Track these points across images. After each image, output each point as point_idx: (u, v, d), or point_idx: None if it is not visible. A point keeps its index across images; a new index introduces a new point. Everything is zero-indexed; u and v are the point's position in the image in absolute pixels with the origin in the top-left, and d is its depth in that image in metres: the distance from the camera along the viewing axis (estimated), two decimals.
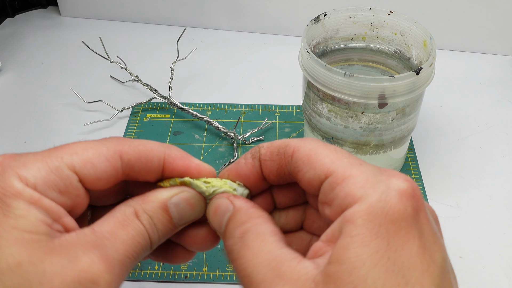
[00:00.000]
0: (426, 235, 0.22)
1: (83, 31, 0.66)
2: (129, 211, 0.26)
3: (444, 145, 0.48)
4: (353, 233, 0.21)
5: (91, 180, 0.26)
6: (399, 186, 0.22)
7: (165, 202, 0.27)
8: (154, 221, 0.26)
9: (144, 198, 0.27)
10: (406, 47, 0.42)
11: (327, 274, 0.21)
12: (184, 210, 0.27)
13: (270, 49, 0.63)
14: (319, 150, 0.25)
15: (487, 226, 0.41)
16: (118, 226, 0.25)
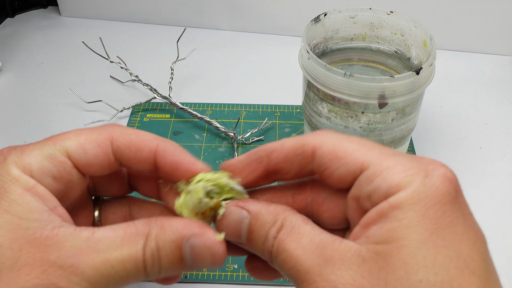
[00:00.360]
0: (468, 215, 0.23)
1: (83, 31, 0.66)
2: (142, 231, 0.24)
3: (444, 145, 0.48)
4: (401, 217, 0.21)
5: (84, 165, 0.26)
6: (439, 171, 0.23)
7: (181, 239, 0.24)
8: (160, 253, 0.24)
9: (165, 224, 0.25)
10: (406, 47, 0.42)
11: (375, 251, 0.21)
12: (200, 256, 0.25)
13: (270, 49, 0.63)
14: (344, 145, 0.24)
15: (487, 226, 0.41)
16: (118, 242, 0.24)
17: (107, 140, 0.27)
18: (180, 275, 0.30)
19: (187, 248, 0.24)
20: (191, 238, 0.24)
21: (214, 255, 0.24)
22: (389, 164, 0.23)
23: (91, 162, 0.27)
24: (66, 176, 0.26)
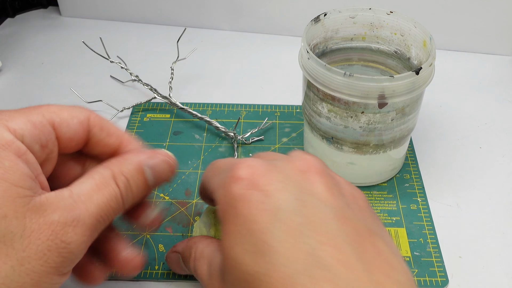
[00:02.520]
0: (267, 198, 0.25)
1: (83, 31, 0.66)
2: (107, 173, 0.27)
3: (444, 145, 0.49)
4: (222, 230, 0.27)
5: (66, 138, 0.28)
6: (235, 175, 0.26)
7: (141, 165, 0.29)
8: (130, 183, 0.28)
9: (122, 160, 0.28)
10: (406, 47, 0.42)
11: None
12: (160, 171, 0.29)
13: (270, 49, 0.63)
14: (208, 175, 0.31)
15: (487, 226, 0.41)
16: (95, 189, 0.26)
17: (86, 118, 0.29)
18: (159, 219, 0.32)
19: (148, 170, 0.29)
20: (148, 160, 0.29)
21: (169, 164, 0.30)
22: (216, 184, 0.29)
23: (71, 137, 0.28)
24: (51, 146, 0.27)
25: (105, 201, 0.26)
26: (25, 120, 0.26)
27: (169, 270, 0.37)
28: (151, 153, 0.29)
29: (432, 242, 0.39)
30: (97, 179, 0.27)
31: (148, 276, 0.37)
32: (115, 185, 0.27)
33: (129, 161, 0.28)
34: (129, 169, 0.28)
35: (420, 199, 0.43)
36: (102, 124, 0.30)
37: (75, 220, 0.25)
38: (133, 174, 0.28)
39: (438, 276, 0.37)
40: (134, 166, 0.28)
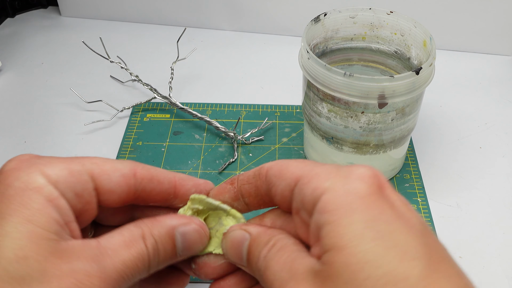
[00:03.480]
0: (397, 206, 0.23)
1: (83, 31, 0.66)
2: (137, 232, 0.26)
3: (444, 145, 0.48)
4: (330, 219, 0.22)
5: (105, 190, 0.27)
6: (357, 171, 0.24)
7: (173, 229, 0.27)
8: (158, 246, 0.27)
9: (154, 221, 0.27)
10: (406, 47, 0.42)
11: (323, 262, 0.22)
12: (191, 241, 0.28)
13: (270, 49, 0.63)
14: (289, 164, 0.26)
15: (487, 226, 0.41)
16: (123, 245, 0.26)
17: (131, 172, 0.28)
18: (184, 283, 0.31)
19: (178, 236, 0.27)
20: (180, 227, 0.27)
21: (202, 236, 0.28)
22: (316, 172, 0.25)
23: (113, 190, 0.27)
24: (87, 196, 0.27)
25: (132, 258, 0.25)
26: (62, 167, 0.26)
27: None
28: (186, 220, 0.28)
29: None
30: (126, 236, 0.26)
31: None
32: (144, 245, 0.26)
33: (162, 223, 0.27)
34: (160, 232, 0.27)
35: (420, 199, 0.43)
36: (151, 175, 0.28)
37: (101, 271, 0.24)
38: (163, 237, 0.27)
39: None
40: (166, 230, 0.27)
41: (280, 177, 0.26)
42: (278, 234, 0.26)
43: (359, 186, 0.23)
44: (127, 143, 0.48)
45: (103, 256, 0.25)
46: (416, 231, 0.22)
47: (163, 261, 0.27)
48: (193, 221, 0.28)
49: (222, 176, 0.45)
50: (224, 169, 0.46)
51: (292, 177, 0.25)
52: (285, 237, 0.26)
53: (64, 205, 0.25)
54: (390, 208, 0.23)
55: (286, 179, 0.26)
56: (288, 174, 0.26)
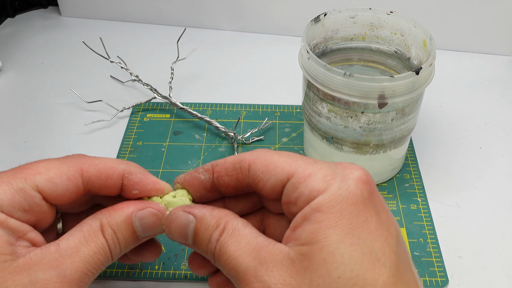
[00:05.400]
0: (381, 213, 0.25)
1: (83, 31, 0.66)
2: (95, 225, 0.28)
3: (444, 145, 0.48)
4: (321, 219, 0.24)
5: (54, 197, 0.28)
6: (354, 175, 0.26)
7: (130, 216, 0.28)
8: (117, 235, 0.28)
9: (111, 211, 0.28)
10: (406, 47, 0.42)
11: (301, 253, 0.24)
12: (149, 224, 0.29)
13: (270, 49, 0.63)
14: (274, 158, 0.27)
15: (487, 226, 0.41)
16: (82, 242, 0.27)
17: (77, 173, 0.29)
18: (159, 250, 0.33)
19: (137, 221, 0.28)
20: (137, 212, 0.28)
21: (159, 216, 0.29)
22: (310, 171, 0.26)
23: (61, 195, 0.28)
24: (37, 208, 0.27)
25: (92, 254, 0.26)
26: (6, 189, 0.26)
27: (169, 270, 0.37)
28: (142, 205, 0.29)
29: (432, 242, 0.39)
30: (85, 231, 0.27)
31: (148, 276, 0.37)
32: (102, 237, 0.27)
33: (119, 212, 0.28)
34: (117, 221, 0.28)
35: (420, 199, 0.43)
36: (98, 171, 0.29)
37: (61, 276, 0.25)
38: (121, 226, 0.28)
39: (438, 276, 0.37)
40: (123, 218, 0.28)
41: (268, 173, 0.27)
42: (225, 216, 0.27)
43: (353, 192, 0.25)
44: (127, 143, 0.48)
45: (63, 259, 0.26)
46: (392, 240, 0.25)
47: (124, 247, 0.29)
48: (150, 205, 0.29)
49: None
50: None
51: (283, 173, 0.27)
52: (232, 219, 0.27)
53: (15, 223, 0.26)
54: (375, 215, 0.25)
55: (276, 175, 0.27)
56: (278, 170, 0.27)
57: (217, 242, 0.26)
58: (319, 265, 0.23)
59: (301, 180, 0.26)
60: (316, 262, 0.23)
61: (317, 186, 0.25)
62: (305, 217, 0.25)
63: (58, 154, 0.47)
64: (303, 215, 0.25)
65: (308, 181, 0.25)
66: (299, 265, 0.24)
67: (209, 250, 0.27)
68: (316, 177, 0.25)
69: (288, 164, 0.27)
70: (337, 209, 0.24)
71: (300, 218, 0.25)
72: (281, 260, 0.24)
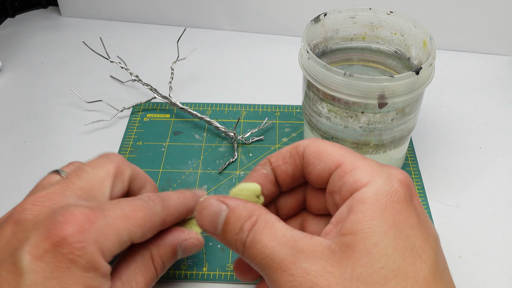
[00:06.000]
0: (421, 216, 0.26)
1: (83, 31, 0.66)
2: (147, 256, 0.31)
3: (444, 145, 0.49)
4: (364, 209, 0.25)
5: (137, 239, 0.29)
6: (398, 176, 0.26)
7: (175, 246, 0.32)
8: (164, 265, 0.32)
9: (160, 242, 0.31)
10: (406, 47, 0.42)
11: (342, 243, 0.24)
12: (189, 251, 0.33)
13: (270, 49, 0.63)
14: (327, 146, 0.28)
15: (487, 226, 0.41)
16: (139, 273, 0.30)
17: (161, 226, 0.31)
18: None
19: (180, 250, 0.32)
20: (182, 243, 0.32)
21: (198, 246, 0.33)
22: (358, 164, 0.27)
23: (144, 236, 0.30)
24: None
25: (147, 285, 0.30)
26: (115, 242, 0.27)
27: (169, 270, 0.37)
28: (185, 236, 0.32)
29: None
30: (139, 262, 0.30)
31: None
32: (153, 268, 0.31)
33: (166, 242, 0.32)
34: (166, 252, 0.31)
35: (420, 199, 0.43)
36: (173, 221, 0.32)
37: None
38: (168, 256, 0.32)
39: None
40: (170, 249, 0.32)
41: (319, 158, 0.28)
42: (258, 209, 0.27)
43: (397, 190, 0.25)
44: (127, 143, 0.48)
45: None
46: (432, 241, 0.25)
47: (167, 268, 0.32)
48: (192, 236, 0.32)
49: (222, 176, 0.45)
50: (224, 169, 0.46)
51: (333, 161, 0.28)
52: (265, 213, 0.27)
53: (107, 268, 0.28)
54: (416, 216, 0.25)
55: (326, 162, 0.28)
56: (329, 157, 0.28)
57: (249, 231, 0.26)
58: (362, 255, 0.24)
59: (348, 170, 0.27)
60: (359, 251, 0.24)
61: (362, 178, 0.26)
62: (349, 209, 0.25)
63: (58, 154, 0.47)
64: (347, 207, 0.26)
65: (354, 172, 0.26)
66: (340, 255, 0.24)
67: (239, 240, 0.26)
68: (362, 170, 0.26)
69: (338, 153, 0.28)
70: (382, 202, 0.25)
71: (343, 210, 0.26)
72: (322, 251, 0.24)
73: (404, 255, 0.24)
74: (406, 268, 0.23)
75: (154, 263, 0.31)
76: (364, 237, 0.24)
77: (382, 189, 0.25)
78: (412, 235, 0.24)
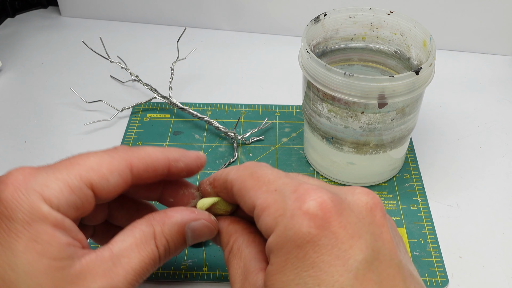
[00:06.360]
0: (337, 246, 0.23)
1: (83, 31, 0.66)
2: (149, 231, 0.27)
3: (444, 145, 0.49)
4: (272, 261, 0.24)
5: (104, 193, 0.27)
6: (304, 207, 0.24)
7: (183, 226, 0.28)
8: (169, 245, 0.28)
9: (165, 217, 0.28)
10: (406, 47, 0.42)
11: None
12: (200, 234, 0.29)
13: (270, 49, 0.63)
14: (246, 183, 0.27)
15: (487, 226, 0.41)
16: (135, 250, 0.26)
17: (127, 168, 0.28)
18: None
19: (189, 232, 0.28)
20: (191, 223, 0.28)
21: (211, 229, 0.29)
22: (268, 203, 0.25)
23: (111, 192, 0.27)
24: (88, 206, 0.27)
25: (143, 265, 0.26)
26: (62, 187, 0.25)
27: (169, 270, 0.37)
28: (195, 215, 0.29)
29: (432, 242, 0.39)
30: (137, 238, 0.27)
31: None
32: (155, 246, 0.27)
33: (173, 220, 0.28)
34: (171, 231, 0.28)
35: (420, 199, 0.43)
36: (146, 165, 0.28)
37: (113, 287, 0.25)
38: (174, 236, 0.28)
39: (438, 276, 0.37)
40: (177, 228, 0.28)
41: (241, 198, 0.27)
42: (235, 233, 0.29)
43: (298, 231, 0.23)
44: (127, 143, 0.48)
45: (116, 269, 0.25)
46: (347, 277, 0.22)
47: (173, 255, 0.29)
48: (202, 216, 0.29)
49: None
50: None
51: (249, 202, 0.26)
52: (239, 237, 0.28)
53: (69, 224, 0.26)
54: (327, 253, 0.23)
55: (246, 203, 0.27)
56: (247, 197, 0.27)
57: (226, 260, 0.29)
58: None
59: (260, 213, 0.25)
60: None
61: (269, 224, 0.25)
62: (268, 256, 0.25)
63: (58, 154, 0.47)
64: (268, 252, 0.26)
65: (263, 216, 0.25)
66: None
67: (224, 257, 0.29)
68: (268, 212, 0.25)
69: (253, 192, 0.26)
70: (283, 252, 0.23)
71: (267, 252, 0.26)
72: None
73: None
74: None
75: (156, 241, 0.27)
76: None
77: (283, 234, 0.24)
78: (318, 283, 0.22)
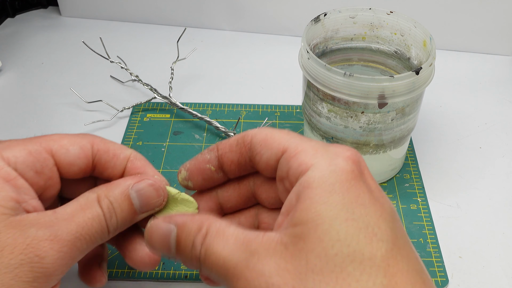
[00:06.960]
0: (374, 190, 0.25)
1: (83, 31, 0.66)
2: (92, 196, 0.28)
3: (444, 145, 0.49)
4: (311, 195, 0.24)
5: (65, 164, 0.29)
6: (344, 153, 0.25)
7: (127, 189, 0.29)
8: (114, 206, 0.28)
9: (109, 185, 0.29)
10: (406, 47, 0.42)
11: (294, 235, 0.23)
12: (146, 196, 0.29)
13: (270, 49, 0.63)
14: (274, 134, 0.28)
15: (487, 226, 0.41)
16: (78, 209, 0.27)
17: (89, 143, 0.30)
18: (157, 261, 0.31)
19: (134, 194, 0.29)
20: (134, 185, 0.29)
21: (158, 189, 0.29)
22: (303, 147, 0.26)
23: (72, 162, 0.29)
24: (48, 172, 0.28)
25: (86, 220, 0.27)
26: (21, 149, 0.28)
27: (169, 270, 0.37)
28: (139, 177, 0.30)
29: (432, 242, 0.39)
30: (82, 202, 0.28)
31: (148, 276, 0.37)
32: (98, 207, 0.28)
33: (116, 184, 0.29)
34: (115, 193, 0.28)
35: (420, 199, 0.43)
36: (107, 147, 0.30)
37: (53, 235, 0.25)
38: (117, 198, 0.28)
39: (438, 276, 0.37)
40: (120, 190, 0.29)
41: (266, 146, 0.27)
42: (207, 219, 0.26)
43: (343, 168, 0.24)
44: (127, 143, 0.48)
45: (57, 221, 0.26)
46: (387, 216, 0.24)
47: (122, 221, 0.29)
48: (146, 177, 0.30)
49: None
50: None
51: (278, 147, 0.27)
52: (215, 221, 0.26)
53: (23, 184, 0.27)
54: (368, 192, 0.24)
55: (272, 149, 0.27)
56: (275, 144, 0.27)
57: (201, 245, 0.25)
58: (314, 245, 0.22)
59: (293, 154, 0.26)
60: (311, 242, 0.23)
61: (306, 160, 0.25)
62: (297, 197, 0.24)
63: None
64: (295, 194, 0.25)
65: (298, 155, 0.25)
66: (293, 248, 0.23)
67: (193, 256, 0.25)
68: (306, 153, 0.25)
69: (284, 139, 0.27)
70: (328, 184, 0.24)
71: (292, 198, 0.25)
72: (274, 247, 0.23)
73: (358, 237, 0.22)
74: (361, 250, 0.22)
75: (100, 203, 0.28)
76: (315, 225, 0.23)
77: (328, 169, 0.24)
78: (365, 213, 0.23)
